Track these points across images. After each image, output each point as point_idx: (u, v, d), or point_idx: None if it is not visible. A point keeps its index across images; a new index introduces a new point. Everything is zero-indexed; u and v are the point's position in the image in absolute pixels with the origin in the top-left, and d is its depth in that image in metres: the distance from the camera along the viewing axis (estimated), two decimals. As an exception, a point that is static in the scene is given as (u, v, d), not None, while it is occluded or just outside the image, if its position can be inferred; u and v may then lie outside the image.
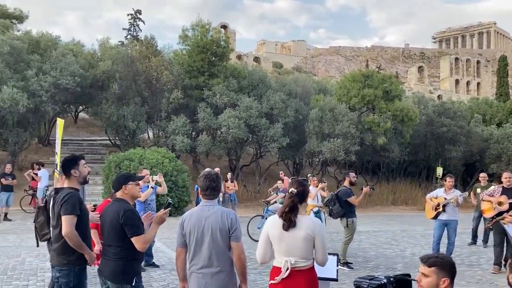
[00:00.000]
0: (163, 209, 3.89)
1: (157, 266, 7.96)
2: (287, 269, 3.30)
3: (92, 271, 5.57)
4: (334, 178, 22.39)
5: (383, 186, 23.12)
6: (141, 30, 52.93)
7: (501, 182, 8.36)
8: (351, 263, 8.50)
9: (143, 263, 7.82)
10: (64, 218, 3.67)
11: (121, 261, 3.63)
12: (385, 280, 3.27)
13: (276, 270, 3.40)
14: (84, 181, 4.07)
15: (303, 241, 3.31)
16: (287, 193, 3.55)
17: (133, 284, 3.63)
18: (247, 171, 23.12)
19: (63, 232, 3.66)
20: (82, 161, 4.02)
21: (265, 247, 3.48)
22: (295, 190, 3.41)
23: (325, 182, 11.19)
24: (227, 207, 12.39)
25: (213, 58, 21.37)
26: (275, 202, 11.53)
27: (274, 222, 3.45)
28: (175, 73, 20.31)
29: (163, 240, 10.59)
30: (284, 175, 15.19)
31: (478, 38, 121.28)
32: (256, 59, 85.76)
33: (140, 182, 8.21)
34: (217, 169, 13.52)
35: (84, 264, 3.86)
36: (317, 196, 9.97)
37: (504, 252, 8.03)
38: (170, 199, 3.93)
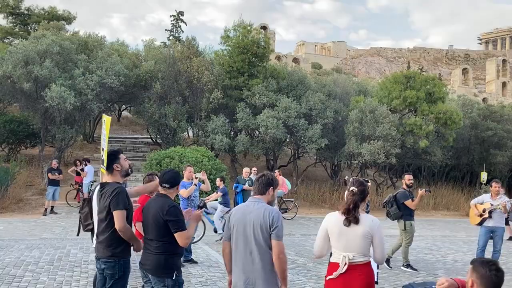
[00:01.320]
0: (198, 209, 4.06)
1: (196, 263, 8.09)
2: (345, 264, 3.42)
3: (133, 264, 5.75)
4: (373, 181, 22.03)
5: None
6: (182, 31, 53.88)
7: None
8: (415, 268, 8.45)
9: (182, 259, 7.99)
10: (116, 213, 3.79)
11: (163, 255, 3.73)
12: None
13: (333, 266, 3.52)
14: (126, 174, 4.20)
15: (361, 237, 3.45)
16: (347, 191, 3.64)
17: (174, 278, 3.72)
18: (285, 172, 23.06)
19: (117, 226, 3.78)
20: (122, 155, 4.15)
21: (323, 242, 3.65)
22: (356, 189, 3.55)
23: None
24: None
25: (253, 58, 21.48)
26: (216, 200, 11.35)
27: (335, 219, 3.58)
28: (216, 73, 20.57)
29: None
30: (280, 175, 15.07)
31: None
32: (295, 60, 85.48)
33: (184, 178, 8.41)
34: (254, 169, 13.63)
35: (128, 256, 3.99)
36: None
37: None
38: (203, 199, 4.06)
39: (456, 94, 41.78)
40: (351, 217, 3.45)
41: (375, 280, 4.28)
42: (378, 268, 4.35)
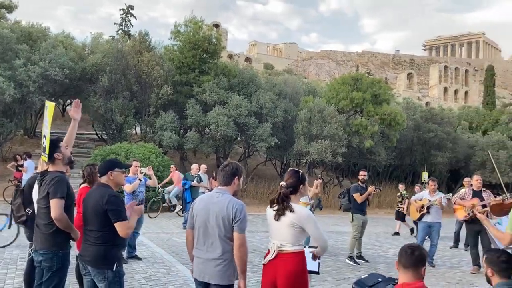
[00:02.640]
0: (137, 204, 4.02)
1: (140, 259, 7.91)
2: (274, 251, 3.51)
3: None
4: (321, 179, 22.45)
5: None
6: (132, 25, 52.64)
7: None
8: (358, 262, 8.74)
9: (125, 255, 7.78)
10: (53, 202, 3.65)
11: (103, 246, 3.61)
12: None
13: (267, 253, 3.61)
14: (70, 162, 4.06)
15: (288, 227, 3.50)
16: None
17: (114, 269, 3.61)
18: (235, 170, 23.07)
19: (53, 215, 3.64)
20: (63, 143, 4.01)
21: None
22: (285, 183, 3.61)
23: (320, 179, 10.96)
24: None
25: (204, 55, 21.32)
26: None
27: (269, 209, 3.69)
28: (166, 68, 20.24)
29: (147, 234, 10.54)
30: (176, 169, 15.35)
31: (467, 47, 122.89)
32: (247, 59, 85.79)
33: (129, 173, 8.19)
34: (204, 166, 13.51)
35: (67, 248, 3.85)
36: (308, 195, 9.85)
37: (481, 253, 8.15)
38: (142, 195, 4.03)
39: (402, 98, 43.46)
40: (280, 208, 3.53)
41: (316, 270, 4.36)
42: (319, 258, 4.41)
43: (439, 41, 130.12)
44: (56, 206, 3.64)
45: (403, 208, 13.72)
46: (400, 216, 13.86)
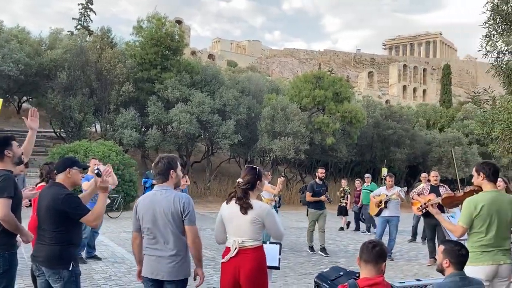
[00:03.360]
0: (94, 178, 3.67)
1: (99, 259, 7.75)
2: (235, 248, 3.47)
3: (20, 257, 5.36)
4: (284, 176, 22.66)
5: (331, 185, 23.62)
6: (92, 21, 51.26)
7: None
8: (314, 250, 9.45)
9: (84, 255, 7.60)
10: None
11: (57, 246, 3.49)
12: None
13: (227, 250, 3.56)
14: (19, 162, 3.89)
15: (250, 223, 3.48)
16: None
17: (70, 269, 3.51)
18: (198, 168, 22.96)
19: None
20: (15, 142, 3.84)
21: (219, 228, 3.71)
22: (242, 180, 3.59)
23: (284, 177, 11.08)
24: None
25: (167, 51, 21.07)
26: None
27: (228, 206, 3.64)
28: (129, 66, 19.86)
29: (107, 234, 10.32)
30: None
31: (425, 47, 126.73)
32: (211, 56, 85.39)
33: (89, 172, 7.98)
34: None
35: (14, 249, 3.69)
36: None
37: (437, 246, 8.45)
38: (99, 170, 3.71)
39: (362, 96, 44.40)
40: (243, 204, 3.51)
41: (277, 265, 4.41)
42: (280, 254, 4.45)
43: (398, 40, 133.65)
44: (2, 206, 3.49)
45: (346, 203, 13.98)
46: (343, 212, 14.17)
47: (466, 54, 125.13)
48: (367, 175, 14.02)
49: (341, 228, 13.97)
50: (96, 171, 3.62)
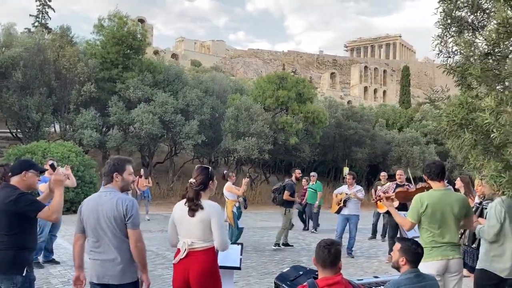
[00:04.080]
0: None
1: (58, 263, 7.55)
2: (185, 250, 3.44)
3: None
4: (249, 177, 22.73)
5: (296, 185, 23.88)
6: (50, 18, 49.69)
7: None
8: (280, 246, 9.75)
9: (41, 259, 7.39)
10: None
11: (11, 251, 3.39)
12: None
13: (178, 251, 3.54)
14: None
15: (200, 223, 3.44)
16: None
17: (24, 274, 3.41)
18: (161, 168, 22.69)
19: None
20: None
21: (172, 230, 3.65)
22: (194, 180, 3.53)
23: (248, 178, 10.84)
24: (140, 204, 12.10)
25: (128, 51, 20.73)
26: None
27: (179, 208, 3.58)
28: (91, 65, 19.40)
29: (66, 237, 10.06)
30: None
31: (386, 49, 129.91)
32: (174, 56, 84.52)
33: (46, 174, 7.73)
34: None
35: None
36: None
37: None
38: (54, 162, 3.65)
39: (325, 96, 45.07)
40: (192, 205, 3.47)
41: (238, 265, 4.43)
42: (241, 255, 4.48)
43: (360, 42, 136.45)
44: None
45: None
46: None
47: (424, 56, 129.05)
48: (312, 173, 14.03)
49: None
50: (51, 162, 3.57)
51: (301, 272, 4.53)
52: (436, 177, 4.11)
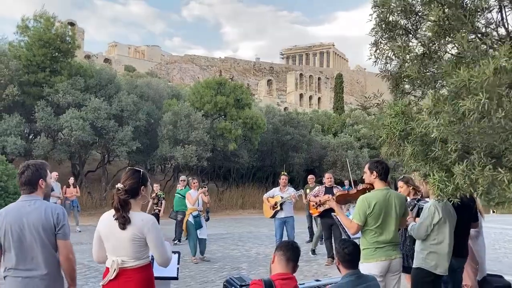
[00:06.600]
0: None
1: None
2: (114, 270, 2.95)
3: None
4: (206, 187, 22.28)
5: (233, 191, 23.81)
6: (-31, 17, 46.39)
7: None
8: None
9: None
10: None
11: None
12: None
13: (107, 271, 3.05)
14: None
15: (130, 240, 2.93)
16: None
17: None
18: (93, 177, 21.68)
19: None
20: None
21: (97, 245, 3.11)
22: (122, 186, 3.01)
23: (205, 187, 10.07)
24: (69, 215, 11.39)
25: (57, 53, 19.63)
26: None
27: (106, 219, 3.06)
28: (13, 68, 18.14)
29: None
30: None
31: (320, 57, 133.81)
32: (107, 60, 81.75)
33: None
34: (55, 174, 12.36)
35: None
36: (198, 200, 9.25)
37: (334, 245, 8.77)
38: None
39: (263, 103, 45.47)
40: (119, 218, 2.91)
41: (175, 275, 4.18)
42: (178, 264, 4.24)
43: (295, 50, 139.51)
44: None
45: (158, 210, 12.48)
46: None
47: (356, 65, 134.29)
48: (182, 177, 12.60)
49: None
50: None
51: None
52: (384, 176, 4.13)
